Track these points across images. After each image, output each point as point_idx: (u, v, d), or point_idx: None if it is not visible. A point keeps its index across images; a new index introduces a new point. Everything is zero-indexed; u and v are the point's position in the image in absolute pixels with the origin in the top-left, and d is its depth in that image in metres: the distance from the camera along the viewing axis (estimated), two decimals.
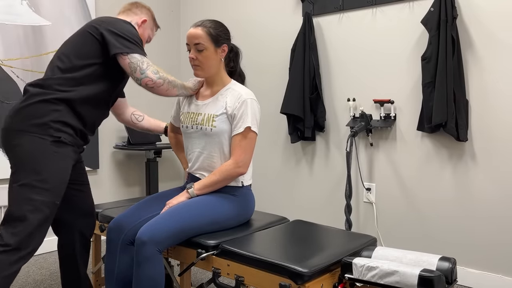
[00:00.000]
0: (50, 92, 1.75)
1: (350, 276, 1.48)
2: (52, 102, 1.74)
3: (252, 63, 3.56)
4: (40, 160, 1.70)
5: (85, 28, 1.83)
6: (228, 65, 2.00)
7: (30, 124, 1.72)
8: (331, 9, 3.08)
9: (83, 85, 1.79)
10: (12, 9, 2.97)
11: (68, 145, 1.78)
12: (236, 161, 1.81)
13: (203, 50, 1.84)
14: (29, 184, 1.68)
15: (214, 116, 1.86)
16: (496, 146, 2.47)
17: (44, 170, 1.70)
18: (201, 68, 1.87)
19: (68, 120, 1.77)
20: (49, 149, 1.72)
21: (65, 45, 1.85)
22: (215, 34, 1.85)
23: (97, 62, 1.81)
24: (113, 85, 1.90)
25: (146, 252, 1.61)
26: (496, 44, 2.45)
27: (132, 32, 1.82)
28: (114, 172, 3.65)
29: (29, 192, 1.68)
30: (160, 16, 3.97)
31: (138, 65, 1.77)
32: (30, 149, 1.70)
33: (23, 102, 1.74)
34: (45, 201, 1.70)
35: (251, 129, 1.82)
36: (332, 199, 3.16)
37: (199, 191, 1.84)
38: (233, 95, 1.87)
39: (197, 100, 1.97)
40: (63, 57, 1.80)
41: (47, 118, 1.73)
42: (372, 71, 2.92)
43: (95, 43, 1.80)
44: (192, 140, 1.94)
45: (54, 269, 2.85)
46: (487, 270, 2.52)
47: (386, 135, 2.88)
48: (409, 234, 2.79)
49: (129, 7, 2.06)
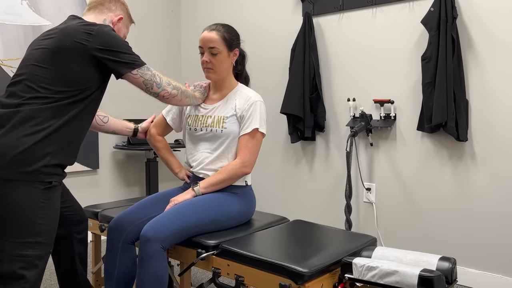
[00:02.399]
0: (38, 129, 1.48)
1: (350, 276, 1.48)
2: (42, 141, 1.49)
3: (252, 63, 3.56)
4: (33, 213, 1.48)
5: (64, 44, 1.53)
6: (235, 68, 2.03)
7: (20, 172, 1.46)
8: (331, 9, 3.08)
9: (73, 111, 1.56)
10: (12, 9, 2.97)
11: (57, 186, 1.56)
12: (242, 161, 1.85)
13: (217, 54, 1.88)
14: (21, 240, 1.47)
15: (225, 118, 1.90)
16: (496, 146, 2.47)
17: (38, 223, 1.50)
18: (213, 71, 1.91)
19: (58, 161, 1.54)
20: (41, 198, 1.50)
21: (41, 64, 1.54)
22: (229, 39, 1.89)
23: (89, 86, 1.58)
24: (98, 99, 1.69)
25: (151, 248, 1.61)
26: (496, 44, 2.45)
27: (120, 39, 1.61)
28: (114, 172, 3.65)
29: (21, 248, 1.48)
30: (160, 16, 3.97)
31: (153, 81, 1.68)
32: (21, 202, 1.46)
33: (11, 145, 1.46)
34: (40, 254, 1.52)
35: (259, 130, 1.87)
36: (332, 199, 3.16)
37: (205, 189, 1.85)
38: (242, 98, 1.92)
39: (205, 104, 1.99)
40: (46, 83, 1.52)
41: (39, 164, 1.48)
42: (372, 71, 2.92)
43: (86, 67, 1.56)
44: (199, 142, 1.96)
45: (54, 269, 2.85)
46: (487, 270, 2.52)
47: (386, 135, 2.88)
48: (409, 234, 2.79)
49: (100, 1, 1.76)
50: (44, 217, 1.51)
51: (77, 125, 1.60)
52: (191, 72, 4.08)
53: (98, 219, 2.18)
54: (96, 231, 2.23)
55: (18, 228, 1.47)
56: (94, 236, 2.33)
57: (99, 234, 2.23)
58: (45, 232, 1.52)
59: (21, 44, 3.02)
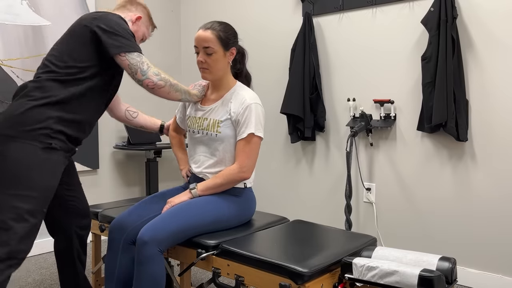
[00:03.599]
0: (43, 96, 1.68)
1: (350, 276, 1.48)
2: (45, 106, 1.67)
3: (252, 63, 3.56)
4: (28, 167, 1.62)
5: (76, 28, 1.76)
6: (234, 67, 1.98)
7: (21, 131, 1.63)
8: (331, 9, 3.08)
9: (78, 86, 1.73)
10: (12, 9, 2.97)
11: (58, 151, 1.70)
12: (240, 166, 1.82)
13: (212, 54, 1.82)
14: (14, 192, 1.60)
15: (219, 122, 1.86)
16: (496, 146, 2.47)
17: (32, 177, 1.62)
18: (209, 71, 1.86)
19: (60, 128, 1.70)
20: (39, 156, 1.64)
21: (56, 46, 1.78)
22: (225, 38, 1.83)
23: (92, 64, 1.75)
24: (109, 83, 1.85)
25: (148, 251, 1.61)
26: (496, 44, 2.45)
27: (123, 26, 1.75)
28: (114, 172, 3.65)
29: (13, 200, 1.60)
30: (160, 16, 3.97)
31: (138, 67, 1.72)
32: (18, 156, 1.61)
33: (15, 108, 1.67)
34: (31, 209, 1.62)
35: (255, 134, 1.82)
36: (332, 199, 3.16)
37: (202, 192, 1.84)
38: (237, 100, 1.86)
39: (203, 105, 1.96)
40: (55, 59, 1.73)
41: (39, 125, 1.65)
42: (372, 71, 2.92)
43: (87, 44, 1.73)
44: (198, 144, 1.94)
45: (54, 269, 2.85)
46: (487, 270, 2.52)
47: (386, 135, 2.88)
48: (409, 234, 2.79)
49: (123, 4, 1.98)
50: (39, 174, 1.64)
51: (85, 102, 1.77)
52: (191, 72, 4.08)
53: (98, 219, 2.18)
54: (96, 231, 2.23)
55: (13, 180, 1.61)
56: (94, 236, 2.33)
57: (99, 234, 2.23)
58: (39, 188, 1.64)
59: (21, 44, 3.03)
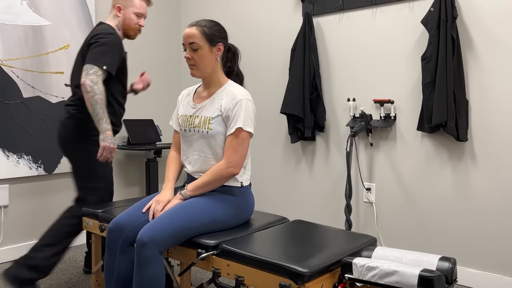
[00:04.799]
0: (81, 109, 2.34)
1: (350, 276, 1.48)
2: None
3: (252, 63, 3.56)
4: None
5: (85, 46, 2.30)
6: (225, 65, 1.99)
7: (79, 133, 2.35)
8: (331, 9, 3.08)
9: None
10: (12, 9, 2.97)
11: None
12: (227, 162, 1.81)
13: (198, 50, 1.85)
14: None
15: (210, 119, 1.87)
16: (496, 146, 2.47)
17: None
18: (197, 68, 1.88)
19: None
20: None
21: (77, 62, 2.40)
22: (210, 33, 1.86)
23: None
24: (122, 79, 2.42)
25: (147, 253, 1.61)
26: (496, 44, 2.45)
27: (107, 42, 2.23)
28: (114, 172, 3.64)
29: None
30: (160, 16, 3.97)
31: (88, 73, 2.18)
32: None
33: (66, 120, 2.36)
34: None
35: (243, 129, 1.82)
36: (332, 199, 3.16)
37: (192, 192, 1.84)
38: (228, 96, 1.87)
39: (194, 103, 1.97)
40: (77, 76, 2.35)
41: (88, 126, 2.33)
42: (372, 71, 2.92)
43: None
44: (190, 143, 1.94)
45: (54, 269, 2.85)
46: (487, 270, 2.52)
47: (386, 135, 2.88)
48: (409, 234, 2.79)
49: (113, 3, 2.38)
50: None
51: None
52: None
53: (98, 219, 2.18)
54: (96, 231, 2.23)
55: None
56: (94, 236, 2.33)
57: (99, 234, 2.22)
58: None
59: (21, 44, 3.02)
